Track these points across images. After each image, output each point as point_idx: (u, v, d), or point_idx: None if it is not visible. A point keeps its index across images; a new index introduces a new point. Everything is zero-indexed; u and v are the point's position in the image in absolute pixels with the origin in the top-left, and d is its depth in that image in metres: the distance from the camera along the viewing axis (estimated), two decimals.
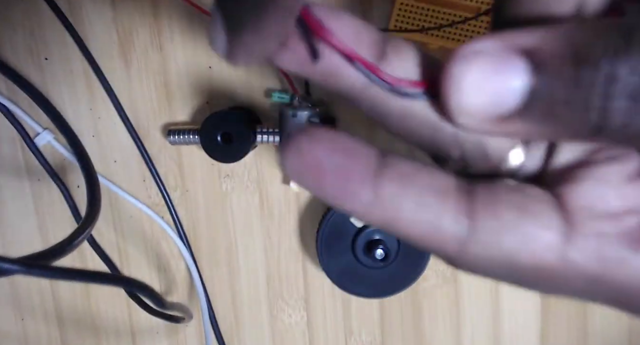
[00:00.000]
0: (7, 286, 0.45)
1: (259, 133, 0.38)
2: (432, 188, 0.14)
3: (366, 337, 0.45)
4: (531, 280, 0.14)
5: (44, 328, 0.45)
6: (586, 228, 0.14)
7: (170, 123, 0.41)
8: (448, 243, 0.14)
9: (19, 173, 0.43)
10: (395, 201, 0.14)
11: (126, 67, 0.41)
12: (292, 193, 0.42)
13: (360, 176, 0.13)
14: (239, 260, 0.44)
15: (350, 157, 0.13)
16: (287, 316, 0.44)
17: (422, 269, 0.40)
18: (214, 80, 0.41)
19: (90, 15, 0.40)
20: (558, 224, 0.14)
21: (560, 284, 0.14)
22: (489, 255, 0.14)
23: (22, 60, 0.41)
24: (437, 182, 0.14)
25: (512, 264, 0.14)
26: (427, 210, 0.14)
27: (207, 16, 0.39)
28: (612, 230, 0.14)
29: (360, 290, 0.40)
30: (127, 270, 0.44)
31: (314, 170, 0.13)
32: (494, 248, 0.14)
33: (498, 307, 0.44)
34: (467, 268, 0.14)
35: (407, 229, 0.14)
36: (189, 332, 0.45)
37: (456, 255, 0.14)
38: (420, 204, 0.14)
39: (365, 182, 0.13)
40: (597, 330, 0.45)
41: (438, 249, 0.14)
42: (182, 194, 0.43)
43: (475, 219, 0.14)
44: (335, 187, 0.13)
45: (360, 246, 0.39)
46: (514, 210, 0.14)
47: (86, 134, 0.42)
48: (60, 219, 0.43)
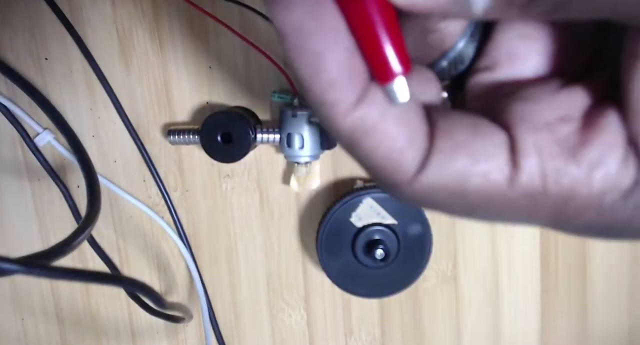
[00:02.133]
0: (7, 286, 0.45)
1: (259, 133, 0.38)
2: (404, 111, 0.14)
3: (366, 337, 0.45)
4: (479, 204, 0.15)
5: (44, 328, 0.45)
6: (527, 143, 0.14)
7: (170, 123, 0.41)
8: (405, 165, 0.14)
9: (19, 173, 0.43)
10: (372, 117, 0.14)
11: (126, 67, 0.41)
12: (292, 193, 0.42)
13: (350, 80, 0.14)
14: (239, 260, 0.44)
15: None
16: (287, 316, 0.44)
17: (422, 269, 0.40)
18: (214, 80, 0.41)
19: (90, 15, 0.40)
20: (505, 145, 0.14)
21: (506, 207, 0.15)
22: (442, 179, 0.14)
23: (22, 60, 0.41)
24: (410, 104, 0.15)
25: (462, 188, 0.14)
26: (398, 129, 0.14)
27: (207, 16, 0.39)
28: (549, 139, 0.14)
29: (360, 290, 0.40)
30: (127, 270, 0.44)
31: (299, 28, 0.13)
32: (447, 170, 0.14)
33: (498, 307, 0.44)
34: (418, 195, 0.15)
35: (370, 146, 0.14)
36: (189, 332, 0.45)
37: (410, 180, 0.15)
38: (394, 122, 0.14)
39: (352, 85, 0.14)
40: (597, 330, 0.45)
41: (393, 171, 0.15)
42: (182, 194, 0.43)
43: (433, 140, 0.15)
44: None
45: (360, 246, 0.39)
46: (467, 131, 0.15)
47: (86, 134, 0.42)
48: (60, 219, 0.43)
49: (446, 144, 0.14)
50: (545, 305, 0.44)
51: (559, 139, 0.14)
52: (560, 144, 0.14)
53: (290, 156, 0.39)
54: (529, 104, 0.15)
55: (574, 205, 0.14)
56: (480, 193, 0.14)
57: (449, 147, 0.14)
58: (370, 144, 0.14)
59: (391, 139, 0.14)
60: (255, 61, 0.40)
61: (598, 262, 0.43)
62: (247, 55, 0.40)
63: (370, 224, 0.39)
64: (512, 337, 0.45)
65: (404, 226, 0.39)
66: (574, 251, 0.43)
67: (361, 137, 0.14)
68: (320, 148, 0.38)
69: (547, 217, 0.15)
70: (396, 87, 0.14)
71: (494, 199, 0.14)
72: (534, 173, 0.14)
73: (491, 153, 0.14)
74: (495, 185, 0.14)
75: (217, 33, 0.40)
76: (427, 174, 0.14)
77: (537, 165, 0.14)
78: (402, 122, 0.14)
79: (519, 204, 0.14)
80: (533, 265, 0.43)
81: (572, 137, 0.14)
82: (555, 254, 0.43)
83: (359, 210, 0.39)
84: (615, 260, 0.43)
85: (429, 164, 0.14)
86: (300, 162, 0.39)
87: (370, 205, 0.39)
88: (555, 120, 0.14)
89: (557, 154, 0.14)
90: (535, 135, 0.14)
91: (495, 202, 0.15)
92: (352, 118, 0.14)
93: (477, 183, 0.14)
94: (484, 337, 0.45)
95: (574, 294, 0.44)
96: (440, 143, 0.14)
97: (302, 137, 0.38)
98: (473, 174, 0.14)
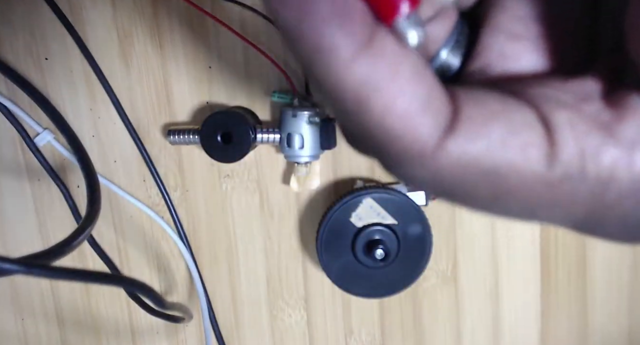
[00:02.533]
0: (7, 286, 0.45)
1: (259, 133, 0.38)
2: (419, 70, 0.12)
3: (366, 337, 0.45)
4: (511, 188, 0.13)
5: (44, 328, 0.45)
6: (559, 118, 0.13)
7: (170, 123, 0.41)
8: (426, 132, 0.12)
9: (19, 173, 0.43)
10: (381, 69, 0.12)
11: (126, 67, 0.41)
12: (292, 193, 0.42)
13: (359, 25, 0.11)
14: (239, 260, 0.44)
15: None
16: (287, 316, 0.44)
17: (422, 269, 0.40)
18: (214, 80, 0.41)
19: (90, 15, 0.40)
20: (537, 119, 0.13)
21: (542, 193, 0.13)
22: (472, 152, 0.12)
23: (22, 60, 0.41)
24: (425, 68, 0.13)
25: (495, 165, 0.12)
26: (415, 86, 0.12)
27: (207, 16, 0.39)
28: (580, 116, 0.13)
29: (360, 290, 0.40)
30: (127, 270, 0.44)
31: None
32: (481, 141, 0.12)
33: (498, 307, 0.44)
34: (440, 172, 0.13)
35: (382, 107, 0.12)
36: (189, 332, 0.45)
37: (433, 151, 0.12)
38: (410, 77, 0.12)
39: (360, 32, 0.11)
40: (597, 330, 0.45)
41: (412, 139, 0.12)
42: (182, 194, 0.43)
43: (458, 107, 0.12)
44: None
45: (360, 246, 0.39)
46: (497, 100, 0.13)
47: (86, 134, 0.42)
48: (60, 219, 0.43)
49: (477, 111, 0.12)
50: (545, 305, 0.44)
51: (590, 115, 0.13)
52: (593, 120, 0.13)
53: (290, 156, 0.39)
54: (542, 88, 0.13)
55: (614, 190, 0.13)
56: (516, 172, 0.12)
57: (483, 115, 0.12)
58: (381, 103, 0.12)
59: (408, 98, 0.12)
60: (255, 61, 0.40)
61: (598, 262, 0.43)
62: (247, 55, 0.40)
63: (370, 224, 0.39)
64: (512, 337, 0.45)
65: (404, 226, 0.39)
66: (574, 251, 0.43)
67: (369, 96, 0.12)
68: (320, 148, 0.38)
69: (583, 208, 0.13)
70: (406, 23, 0.12)
71: (530, 182, 0.13)
72: (572, 151, 0.12)
73: (528, 125, 0.12)
74: (533, 164, 0.12)
75: (217, 33, 0.40)
76: (455, 145, 0.12)
77: (574, 142, 0.12)
78: (418, 78, 0.12)
79: (557, 190, 0.13)
80: (533, 265, 0.43)
81: (603, 114, 0.13)
82: (555, 254, 0.43)
83: (359, 210, 0.39)
84: (615, 261, 0.43)
85: (456, 132, 0.12)
86: (300, 162, 0.39)
87: (370, 205, 0.39)
88: (577, 100, 0.13)
89: (593, 130, 0.12)
90: (564, 111, 0.13)
91: (530, 186, 0.13)
92: (357, 70, 0.11)
93: (513, 159, 0.12)
94: (483, 337, 0.45)
95: (574, 294, 0.44)
96: (470, 110, 0.12)
97: (302, 137, 0.38)
98: (510, 146, 0.12)
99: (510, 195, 0.13)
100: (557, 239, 0.43)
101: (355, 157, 0.41)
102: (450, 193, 0.13)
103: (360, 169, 0.42)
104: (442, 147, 0.12)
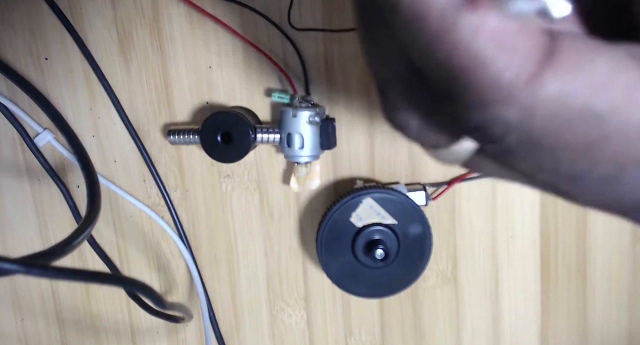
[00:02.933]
0: (7, 286, 0.45)
1: (259, 133, 0.38)
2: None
3: (366, 337, 0.45)
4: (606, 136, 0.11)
5: (44, 328, 0.45)
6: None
7: (170, 123, 0.41)
8: (520, 59, 0.10)
9: (19, 173, 0.43)
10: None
11: (126, 67, 0.41)
12: (292, 193, 0.42)
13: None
14: (239, 260, 0.44)
15: None
16: (287, 316, 0.44)
17: (422, 269, 0.40)
18: (214, 80, 0.41)
19: (90, 15, 0.40)
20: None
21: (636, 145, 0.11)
22: (568, 88, 0.11)
23: (22, 60, 0.41)
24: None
25: (593, 104, 0.11)
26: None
27: (207, 16, 0.39)
28: None
29: (360, 290, 0.40)
30: (127, 270, 0.44)
31: None
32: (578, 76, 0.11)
33: (498, 307, 0.44)
34: (531, 106, 0.11)
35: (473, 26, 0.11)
36: (189, 332, 0.45)
37: (528, 81, 0.11)
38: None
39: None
40: (597, 330, 0.45)
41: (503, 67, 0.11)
42: (182, 194, 0.43)
43: (559, 38, 0.11)
44: None
45: (360, 246, 0.39)
46: (600, 41, 0.11)
47: (86, 134, 0.42)
48: (60, 219, 0.43)
49: (580, 44, 0.11)
50: (545, 305, 0.44)
51: None
52: None
53: (290, 156, 0.39)
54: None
55: None
56: (618, 115, 0.11)
57: (587, 47, 0.11)
58: (471, 23, 0.10)
59: (502, 19, 0.11)
60: (255, 61, 0.40)
61: (598, 263, 0.43)
62: (247, 55, 0.40)
63: (370, 224, 0.39)
64: (512, 337, 0.45)
65: (404, 226, 0.39)
66: (574, 251, 0.43)
67: (457, 15, 0.10)
68: (320, 148, 0.38)
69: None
70: None
71: (632, 130, 0.11)
72: None
73: (635, 65, 0.11)
74: (637, 109, 0.11)
75: (217, 33, 0.40)
76: (554, 77, 0.11)
77: None
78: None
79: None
80: (533, 266, 0.43)
81: None
82: (555, 254, 0.43)
83: (359, 210, 0.39)
84: (615, 261, 0.43)
85: (556, 63, 0.11)
86: (300, 162, 0.39)
87: (370, 205, 0.39)
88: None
89: None
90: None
91: (629, 135, 0.11)
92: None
93: (616, 100, 0.11)
94: (484, 337, 0.45)
95: (574, 294, 0.44)
96: (572, 43, 0.11)
97: (302, 137, 0.38)
98: (615, 85, 0.11)
99: (605, 143, 0.11)
100: (557, 239, 0.43)
101: (355, 157, 0.41)
102: (536, 140, 0.11)
103: (360, 169, 0.42)
104: (538, 79, 0.11)
